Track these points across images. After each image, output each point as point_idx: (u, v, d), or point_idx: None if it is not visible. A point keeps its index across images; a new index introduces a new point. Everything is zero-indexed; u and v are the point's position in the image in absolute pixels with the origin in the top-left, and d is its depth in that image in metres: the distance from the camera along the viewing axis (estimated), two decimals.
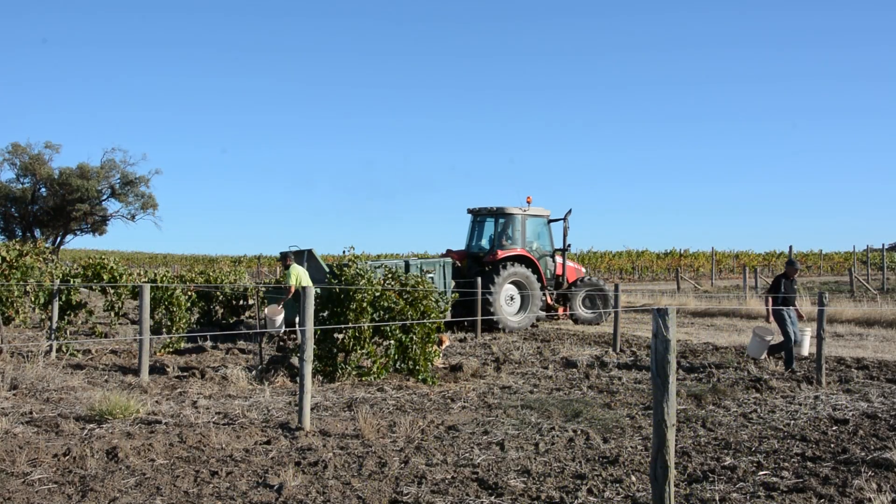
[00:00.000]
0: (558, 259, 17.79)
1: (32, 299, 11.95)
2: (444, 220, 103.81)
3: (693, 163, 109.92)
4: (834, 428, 6.85)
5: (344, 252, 11.48)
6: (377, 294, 9.32)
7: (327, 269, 13.01)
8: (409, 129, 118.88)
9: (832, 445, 6.19)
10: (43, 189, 52.86)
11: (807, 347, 11.20)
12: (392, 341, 9.23)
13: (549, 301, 17.52)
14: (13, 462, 5.42)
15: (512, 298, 16.50)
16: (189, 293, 12.81)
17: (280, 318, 12.39)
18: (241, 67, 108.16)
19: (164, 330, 11.89)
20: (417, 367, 9.26)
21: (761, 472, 5.36)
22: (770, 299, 10.47)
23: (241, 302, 15.46)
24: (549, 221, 17.83)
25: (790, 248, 30.83)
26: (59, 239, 54.82)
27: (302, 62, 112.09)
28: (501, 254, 16.38)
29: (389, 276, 9.93)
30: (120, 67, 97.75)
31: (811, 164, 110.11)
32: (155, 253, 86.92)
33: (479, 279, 15.36)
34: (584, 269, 19.15)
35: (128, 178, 54.36)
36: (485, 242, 17.40)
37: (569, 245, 17.77)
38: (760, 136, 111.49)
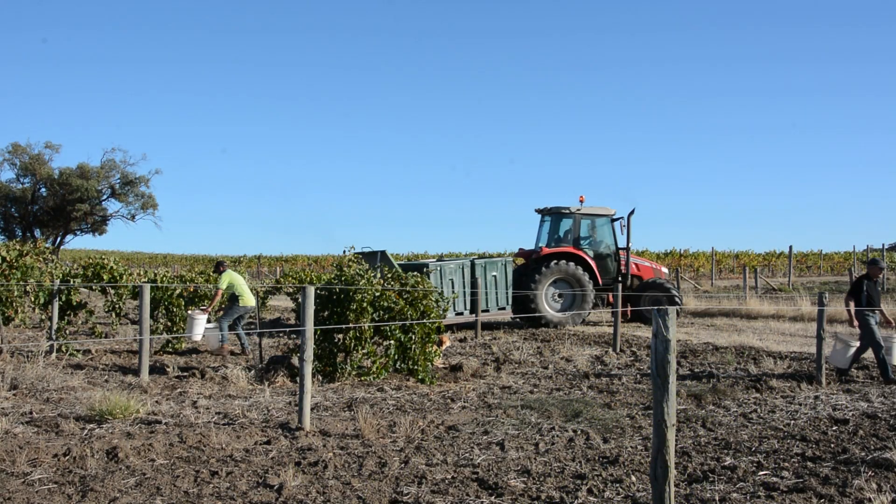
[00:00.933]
0: (623, 257, 17.55)
1: (32, 299, 11.95)
2: (447, 220, 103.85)
3: (693, 162, 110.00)
4: (834, 428, 6.85)
5: (344, 252, 11.45)
6: (377, 294, 9.32)
7: (400, 270, 12.87)
8: (409, 128, 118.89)
9: (832, 445, 6.19)
10: (43, 189, 52.94)
11: None
12: (392, 341, 9.23)
13: (610, 300, 17.34)
14: (13, 462, 5.42)
15: (560, 296, 16.53)
16: (186, 293, 12.80)
17: (201, 322, 11.29)
18: (242, 67, 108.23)
19: (163, 330, 11.89)
20: (417, 367, 9.26)
21: (761, 472, 5.36)
22: (853, 303, 9.64)
23: None
24: (613, 220, 17.71)
25: (790, 247, 30.90)
26: (59, 239, 54.88)
27: (302, 62, 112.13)
28: (546, 251, 16.53)
29: (389, 275, 9.94)
30: (120, 67, 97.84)
31: (811, 164, 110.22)
32: (155, 253, 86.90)
33: (477, 278, 15.36)
34: (665, 270, 18.73)
35: (128, 178, 54.44)
36: (548, 241, 17.57)
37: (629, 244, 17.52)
38: (760, 136, 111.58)
